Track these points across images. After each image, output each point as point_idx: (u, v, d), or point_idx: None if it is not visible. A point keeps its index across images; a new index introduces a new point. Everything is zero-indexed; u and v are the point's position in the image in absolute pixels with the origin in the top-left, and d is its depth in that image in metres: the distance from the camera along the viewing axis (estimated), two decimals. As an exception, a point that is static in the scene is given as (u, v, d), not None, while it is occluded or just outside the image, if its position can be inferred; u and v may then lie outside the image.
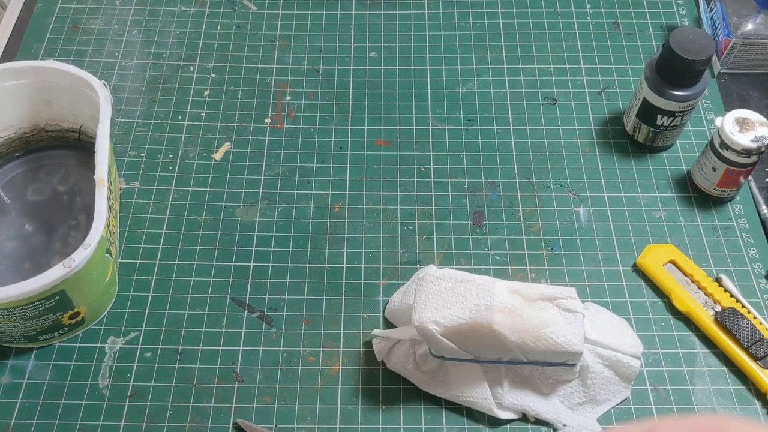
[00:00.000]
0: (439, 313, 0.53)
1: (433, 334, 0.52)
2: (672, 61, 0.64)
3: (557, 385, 0.57)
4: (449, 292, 0.53)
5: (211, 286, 0.64)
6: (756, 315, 0.61)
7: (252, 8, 0.83)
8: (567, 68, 0.78)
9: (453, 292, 0.53)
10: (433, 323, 0.52)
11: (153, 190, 0.69)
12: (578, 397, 0.57)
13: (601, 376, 0.56)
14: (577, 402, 0.57)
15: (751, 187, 0.70)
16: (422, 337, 0.54)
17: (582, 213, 0.68)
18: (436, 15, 0.82)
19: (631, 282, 0.64)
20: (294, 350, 0.61)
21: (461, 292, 0.53)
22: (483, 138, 0.73)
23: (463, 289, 0.54)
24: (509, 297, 0.53)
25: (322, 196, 0.69)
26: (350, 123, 0.74)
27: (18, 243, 0.65)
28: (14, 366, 0.60)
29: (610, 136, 0.73)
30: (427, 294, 0.54)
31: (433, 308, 0.53)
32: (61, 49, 0.79)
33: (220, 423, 0.57)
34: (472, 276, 0.55)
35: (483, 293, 0.53)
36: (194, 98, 0.76)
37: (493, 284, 0.54)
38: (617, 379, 0.57)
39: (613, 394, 0.57)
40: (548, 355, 0.53)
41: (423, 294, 0.54)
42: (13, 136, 0.69)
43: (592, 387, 0.56)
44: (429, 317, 0.53)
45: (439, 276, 0.55)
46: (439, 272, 0.55)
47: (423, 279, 0.55)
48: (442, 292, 0.54)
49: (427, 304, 0.53)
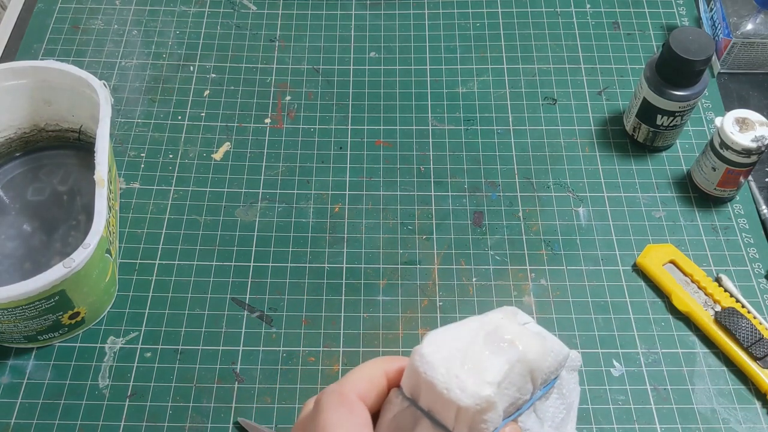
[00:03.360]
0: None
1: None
2: (672, 61, 0.64)
3: (542, 413, 0.42)
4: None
5: (211, 286, 0.64)
6: (756, 315, 0.61)
7: (252, 8, 0.83)
8: (567, 68, 0.78)
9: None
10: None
11: (153, 190, 0.69)
12: (559, 411, 0.44)
13: (566, 379, 0.44)
14: (561, 418, 0.43)
15: (751, 187, 0.70)
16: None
17: (582, 213, 0.68)
18: (436, 15, 0.82)
19: (631, 282, 0.64)
20: (294, 350, 0.61)
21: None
22: (483, 138, 0.73)
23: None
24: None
25: (322, 196, 0.69)
26: (350, 123, 0.74)
27: (18, 243, 0.65)
28: (14, 366, 0.60)
29: (610, 136, 0.73)
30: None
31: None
32: (61, 49, 0.79)
33: (220, 423, 0.57)
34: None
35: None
36: (194, 98, 0.76)
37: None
38: (570, 377, 0.44)
39: (574, 393, 0.44)
40: (552, 371, 0.39)
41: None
42: (13, 136, 0.69)
43: (566, 394, 0.46)
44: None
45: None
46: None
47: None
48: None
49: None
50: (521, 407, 0.34)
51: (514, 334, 0.34)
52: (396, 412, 0.33)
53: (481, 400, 0.31)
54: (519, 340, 0.33)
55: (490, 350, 0.33)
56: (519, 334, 0.34)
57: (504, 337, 0.33)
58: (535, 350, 0.34)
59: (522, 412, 0.34)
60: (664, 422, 0.57)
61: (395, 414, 0.33)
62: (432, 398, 0.32)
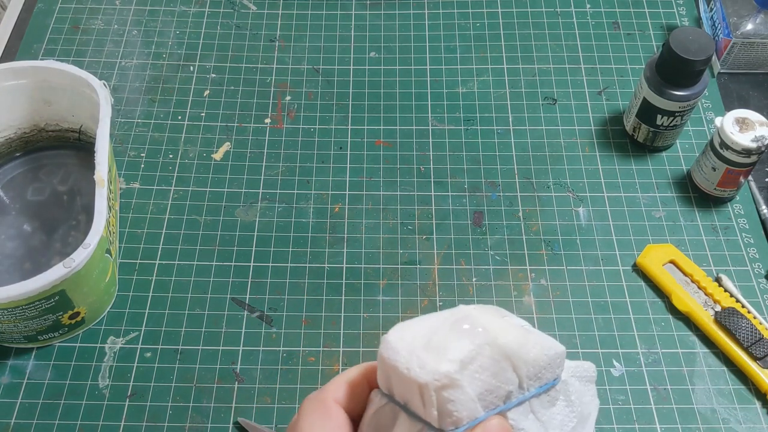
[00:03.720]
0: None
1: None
2: (672, 61, 0.64)
3: (547, 419, 0.41)
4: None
5: (211, 286, 0.64)
6: (756, 315, 0.61)
7: (252, 8, 0.83)
8: (567, 68, 0.78)
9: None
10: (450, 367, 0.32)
11: (153, 190, 0.69)
12: (570, 420, 0.43)
13: (575, 387, 0.43)
14: (571, 427, 0.42)
15: (751, 187, 0.70)
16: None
17: (582, 213, 0.68)
18: (436, 15, 0.82)
19: (631, 282, 0.64)
20: (294, 350, 0.61)
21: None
22: (483, 138, 0.73)
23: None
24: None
25: (322, 196, 0.69)
26: (350, 123, 0.74)
27: (18, 243, 0.65)
28: (14, 366, 0.60)
29: (610, 136, 0.73)
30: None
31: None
32: (61, 49, 0.79)
33: (220, 423, 0.57)
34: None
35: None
36: (194, 98, 0.76)
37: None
38: (585, 389, 0.44)
39: (591, 405, 0.44)
40: (543, 367, 0.37)
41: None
42: (13, 136, 0.69)
43: (577, 402, 0.43)
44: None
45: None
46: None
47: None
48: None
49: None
50: (509, 401, 0.33)
51: (484, 321, 0.32)
52: (375, 409, 0.33)
53: (439, 375, 0.30)
54: (489, 325, 0.32)
55: (456, 334, 0.32)
56: (490, 322, 0.33)
57: (472, 322, 0.32)
58: (509, 337, 0.32)
59: (510, 407, 0.33)
60: (664, 422, 0.57)
61: (375, 411, 0.33)
62: (399, 384, 0.31)
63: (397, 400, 0.32)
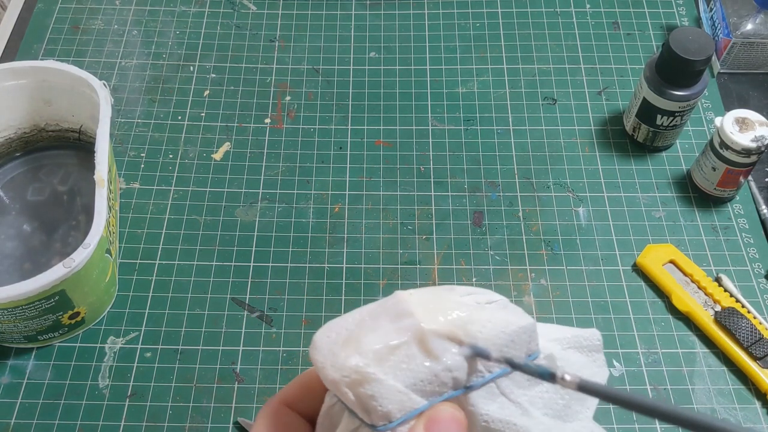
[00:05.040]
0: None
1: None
2: (672, 61, 0.64)
3: (528, 400, 0.37)
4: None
5: (211, 286, 0.64)
6: (756, 315, 0.61)
7: (252, 8, 0.83)
8: (567, 68, 0.78)
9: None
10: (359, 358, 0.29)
11: (153, 190, 0.69)
12: (560, 398, 0.39)
13: (570, 361, 0.40)
14: (562, 404, 0.38)
15: (751, 187, 0.70)
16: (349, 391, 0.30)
17: (582, 213, 0.68)
18: (436, 15, 0.82)
19: (631, 282, 0.64)
20: (294, 350, 0.61)
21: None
22: (483, 138, 0.73)
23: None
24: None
25: (321, 196, 0.69)
26: (350, 123, 0.74)
27: (18, 243, 0.65)
28: (14, 366, 0.60)
29: (609, 136, 0.73)
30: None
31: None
32: (61, 49, 0.79)
33: (220, 423, 0.57)
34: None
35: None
36: (194, 98, 0.76)
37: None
38: (589, 359, 0.42)
39: (597, 377, 0.41)
40: (503, 344, 0.32)
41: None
42: (13, 136, 0.69)
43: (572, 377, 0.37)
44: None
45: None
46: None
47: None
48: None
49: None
50: (462, 387, 0.29)
51: (414, 306, 0.29)
52: (326, 408, 0.31)
53: (348, 371, 0.28)
54: (419, 310, 0.29)
55: (378, 324, 0.29)
56: (423, 306, 0.29)
57: (400, 309, 0.29)
58: (446, 320, 0.29)
59: (464, 392, 0.29)
60: (664, 422, 0.57)
61: (326, 410, 0.31)
62: (326, 382, 0.30)
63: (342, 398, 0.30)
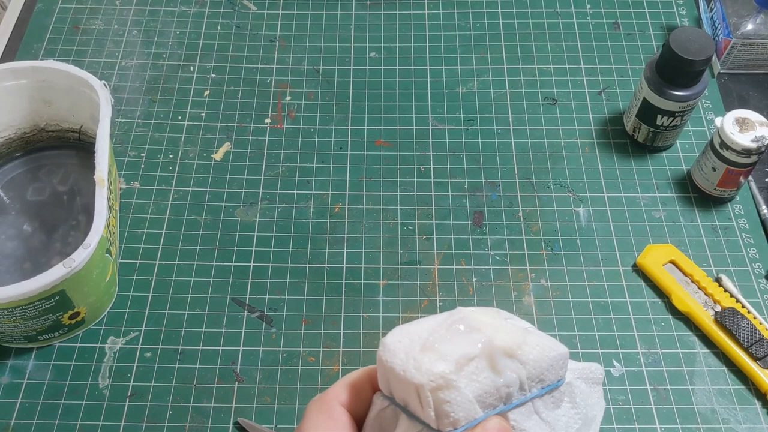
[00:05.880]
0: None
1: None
2: (672, 61, 0.64)
3: (553, 421, 0.40)
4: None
5: (211, 286, 0.64)
6: (756, 315, 0.61)
7: (252, 8, 0.83)
8: (567, 68, 0.78)
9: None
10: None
11: (153, 190, 0.69)
12: (574, 422, 0.42)
13: (581, 389, 0.43)
14: (575, 429, 0.42)
15: (751, 187, 0.70)
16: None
17: (582, 213, 0.68)
18: (436, 15, 0.82)
19: (631, 282, 0.64)
20: (294, 350, 0.61)
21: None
22: (483, 138, 0.73)
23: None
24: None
25: (322, 196, 0.69)
26: (350, 123, 0.74)
27: (18, 243, 0.65)
28: (14, 366, 0.60)
29: (610, 136, 0.73)
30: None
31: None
32: (61, 49, 0.79)
33: (220, 423, 0.57)
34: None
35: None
36: (194, 98, 0.76)
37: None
38: (592, 390, 0.45)
39: (597, 407, 0.45)
40: (545, 368, 0.36)
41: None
42: (13, 136, 0.69)
43: (582, 405, 0.43)
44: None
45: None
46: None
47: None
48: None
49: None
50: (510, 402, 0.33)
51: (482, 322, 0.32)
52: (377, 411, 0.33)
53: (434, 376, 0.30)
54: (486, 327, 0.32)
55: (454, 336, 0.32)
56: (488, 323, 0.33)
57: (470, 324, 0.32)
58: (506, 337, 0.32)
59: (510, 408, 0.33)
60: (664, 422, 0.57)
61: (377, 413, 0.33)
62: (398, 386, 0.32)
63: (398, 402, 0.32)
